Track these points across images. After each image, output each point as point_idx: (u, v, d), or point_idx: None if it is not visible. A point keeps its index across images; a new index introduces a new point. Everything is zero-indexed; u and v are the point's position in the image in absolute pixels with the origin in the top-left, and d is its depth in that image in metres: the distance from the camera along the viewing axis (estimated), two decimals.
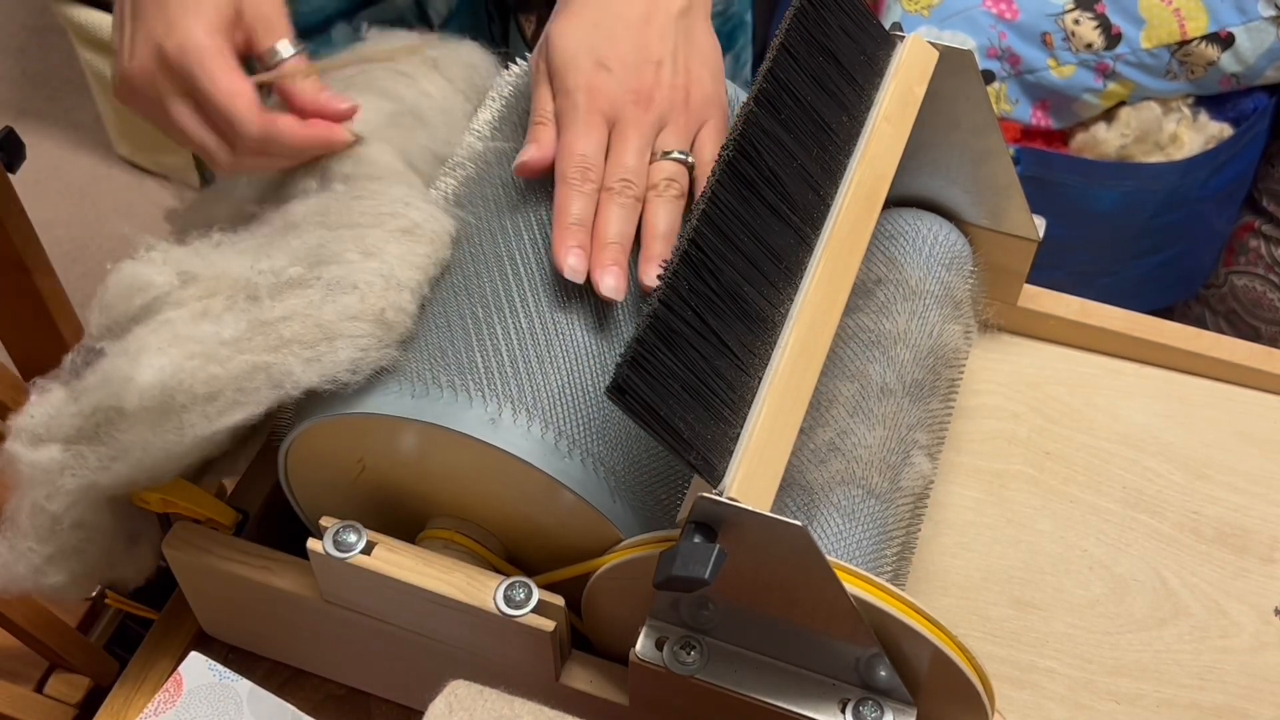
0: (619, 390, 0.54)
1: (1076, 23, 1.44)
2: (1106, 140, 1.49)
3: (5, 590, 0.68)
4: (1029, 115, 1.48)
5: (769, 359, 0.60)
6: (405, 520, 0.70)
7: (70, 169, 2.04)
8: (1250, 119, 1.51)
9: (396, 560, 0.65)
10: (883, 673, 0.60)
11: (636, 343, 0.54)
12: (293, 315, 0.62)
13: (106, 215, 1.98)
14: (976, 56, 0.73)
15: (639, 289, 0.66)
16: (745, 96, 0.64)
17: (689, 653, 0.62)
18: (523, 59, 0.80)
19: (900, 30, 1.01)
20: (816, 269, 0.63)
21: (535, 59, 0.72)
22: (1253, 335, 1.69)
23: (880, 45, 0.72)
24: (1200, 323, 1.73)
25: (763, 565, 0.57)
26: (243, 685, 0.67)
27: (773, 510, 0.56)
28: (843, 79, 0.69)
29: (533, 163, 0.68)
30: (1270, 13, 1.44)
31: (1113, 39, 1.44)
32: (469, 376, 0.63)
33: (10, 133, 0.87)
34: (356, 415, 0.63)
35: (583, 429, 0.63)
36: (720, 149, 0.62)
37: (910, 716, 0.61)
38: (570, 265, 0.64)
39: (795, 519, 0.54)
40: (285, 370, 0.62)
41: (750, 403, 0.59)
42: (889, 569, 0.69)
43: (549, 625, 0.64)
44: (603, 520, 0.63)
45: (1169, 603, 0.78)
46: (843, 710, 0.61)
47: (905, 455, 0.72)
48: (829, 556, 0.56)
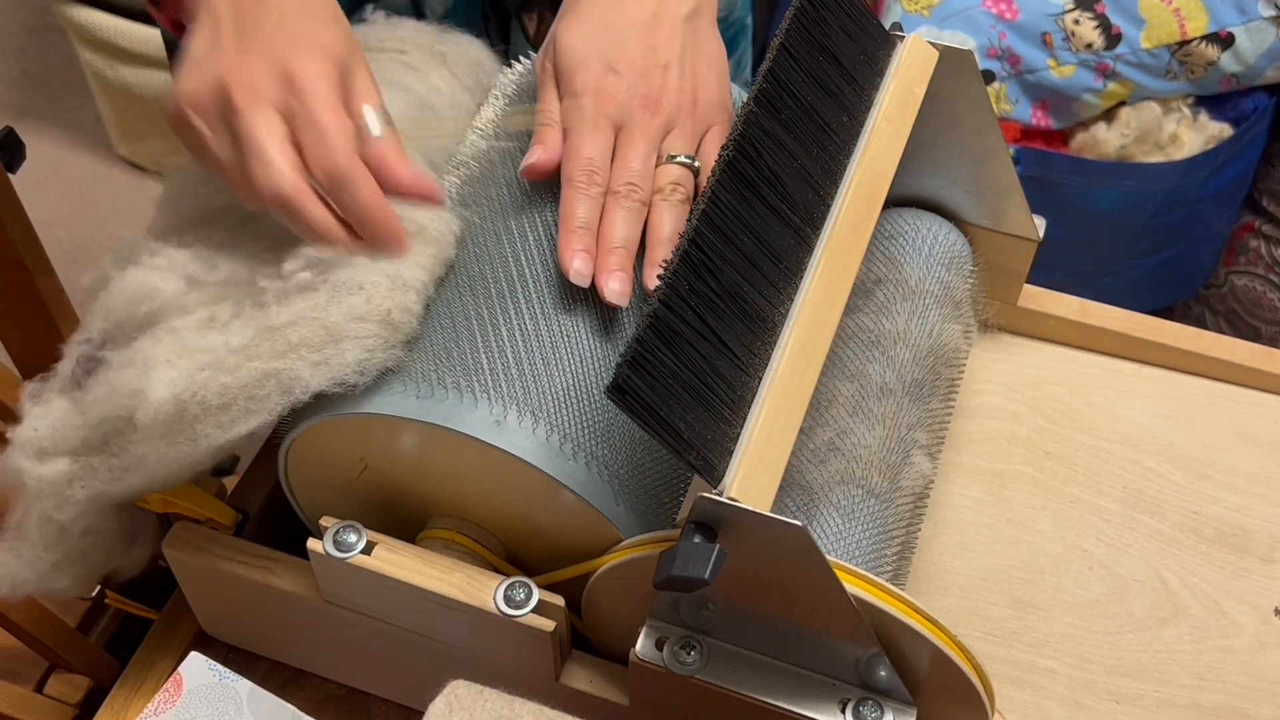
0: (619, 390, 0.54)
1: (1076, 23, 1.44)
2: (1106, 140, 1.49)
3: (11, 595, 0.68)
4: (1029, 115, 1.48)
5: (769, 359, 0.60)
6: (405, 520, 0.70)
7: (70, 169, 2.04)
8: (1250, 119, 1.51)
9: (396, 560, 0.65)
10: (883, 673, 0.60)
11: (636, 343, 0.54)
12: (299, 319, 0.62)
13: (106, 215, 1.98)
14: (976, 56, 0.73)
15: (643, 292, 0.66)
16: (746, 97, 0.64)
17: (689, 653, 0.62)
18: (525, 58, 0.80)
19: (900, 30, 1.01)
20: (816, 269, 0.63)
21: (541, 59, 0.71)
22: (1253, 335, 1.69)
23: (880, 45, 0.72)
24: (1200, 323, 1.73)
25: (763, 565, 0.57)
26: (243, 685, 0.67)
27: (773, 510, 0.56)
28: (843, 79, 0.69)
29: (540, 165, 0.68)
30: (1270, 13, 1.44)
31: (1113, 39, 1.44)
32: (474, 378, 0.63)
33: (10, 133, 0.87)
34: (361, 415, 0.63)
35: (587, 432, 0.63)
36: (720, 149, 0.62)
37: (910, 716, 0.61)
38: (576, 269, 0.64)
39: (795, 519, 0.54)
40: (294, 375, 0.62)
41: (750, 403, 0.59)
42: (889, 569, 0.69)
43: (549, 625, 0.64)
44: (605, 522, 0.63)
45: (1169, 603, 0.78)
46: (843, 710, 0.61)
47: (905, 455, 0.72)
48: (829, 556, 0.56)
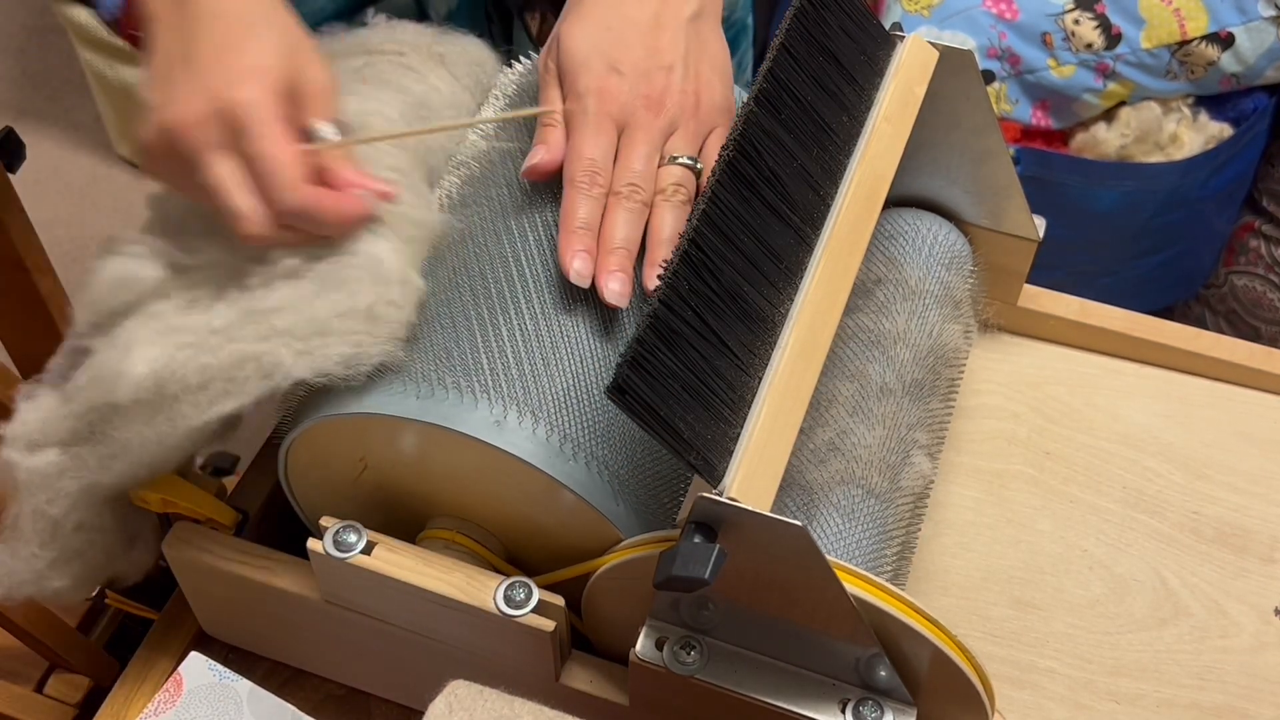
0: (619, 390, 0.54)
1: (1076, 23, 1.44)
2: (1106, 140, 1.49)
3: (9, 596, 0.68)
4: (1029, 115, 1.48)
5: (769, 359, 0.60)
6: (405, 520, 0.70)
7: (70, 169, 2.03)
8: (1250, 119, 1.51)
9: (396, 560, 0.65)
10: (883, 673, 0.60)
11: (636, 343, 0.54)
12: (285, 307, 0.62)
13: (106, 215, 1.98)
14: (976, 56, 0.73)
15: (643, 293, 0.66)
16: (746, 97, 0.64)
17: (689, 653, 0.62)
18: (527, 57, 0.80)
19: (900, 30, 1.01)
20: (816, 269, 0.63)
21: (543, 59, 0.71)
22: (1253, 335, 1.69)
23: (880, 45, 0.72)
24: (1200, 323, 1.73)
25: (763, 565, 0.57)
26: (243, 685, 0.67)
27: (773, 510, 0.56)
28: (843, 79, 0.69)
29: (542, 165, 0.68)
30: (1270, 13, 1.44)
31: (1113, 39, 1.44)
32: (474, 378, 0.63)
33: (10, 133, 0.87)
34: (360, 415, 0.63)
35: (587, 432, 0.63)
36: (720, 149, 0.62)
37: (910, 716, 0.61)
38: (576, 269, 0.64)
39: (795, 519, 0.54)
40: (276, 361, 0.61)
41: (750, 403, 0.59)
42: (889, 569, 0.69)
43: (549, 625, 0.64)
44: (605, 522, 0.63)
45: (1169, 603, 0.78)
46: (843, 710, 0.61)
47: (905, 455, 0.72)
48: (829, 556, 0.56)
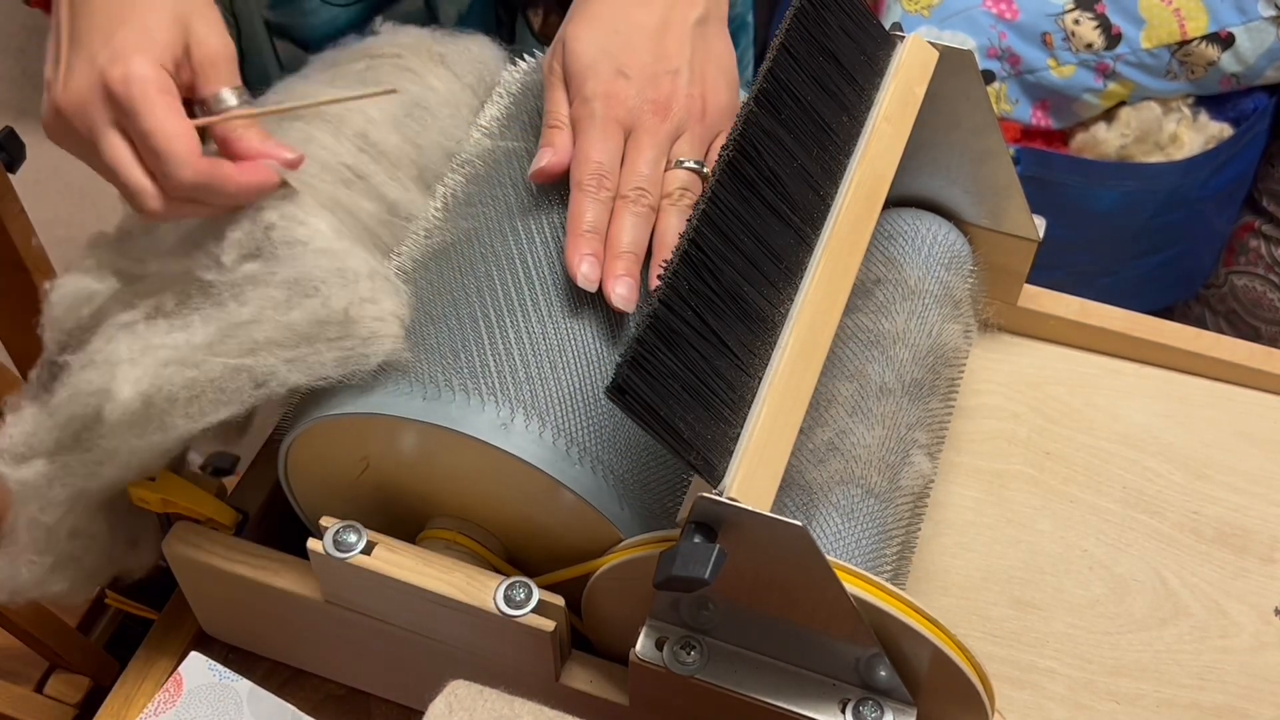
0: (619, 390, 0.54)
1: (1076, 23, 1.44)
2: (1106, 140, 1.49)
3: (11, 601, 0.69)
4: (1029, 115, 1.48)
5: (769, 359, 0.60)
6: (405, 520, 0.70)
7: (70, 169, 2.03)
8: (1250, 119, 1.51)
9: (396, 560, 0.65)
10: (883, 673, 0.60)
11: (636, 343, 0.54)
12: (261, 319, 0.61)
13: (106, 215, 1.97)
14: (976, 56, 0.73)
15: (648, 296, 0.66)
16: (746, 96, 0.64)
17: (689, 653, 0.62)
18: (530, 55, 0.80)
19: (900, 30, 1.01)
20: (816, 269, 0.63)
21: (549, 60, 0.71)
22: (1253, 335, 1.69)
23: (880, 45, 0.72)
24: (1200, 323, 1.73)
25: (763, 565, 0.57)
26: (243, 685, 0.67)
27: (772, 510, 0.56)
28: (843, 79, 0.69)
29: (549, 168, 0.68)
30: (1270, 13, 1.44)
31: (1113, 39, 1.44)
32: (481, 380, 0.63)
33: (10, 133, 0.87)
34: (366, 415, 0.63)
35: (592, 436, 0.63)
36: (720, 149, 0.62)
37: (910, 716, 0.61)
38: (583, 273, 0.64)
39: (795, 519, 0.54)
40: (269, 370, 0.62)
41: (750, 403, 0.59)
42: (888, 568, 0.69)
43: (549, 625, 0.64)
44: (608, 525, 0.63)
45: (1169, 603, 0.78)
46: (843, 710, 0.61)
47: (904, 454, 0.72)
48: (829, 556, 0.56)
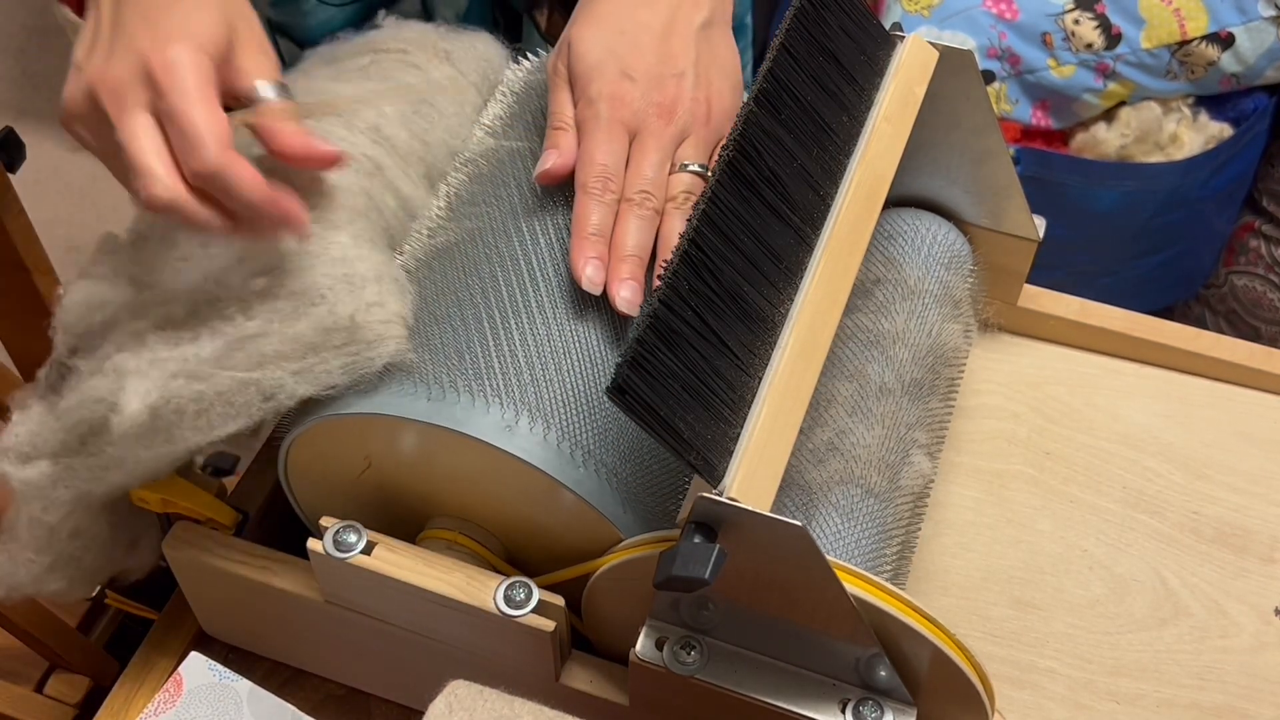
0: (619, 390, 0.54)
1: (1076, 23, 1.44)
2: (1106, 140, 1.49)
3: (7, 597, 0.69)
4: (1029, 115, 1.48)
5: (769, 359, 0.60)
6: (405, 520, 0.70)
7: (70, 169, 2.03)
8: (1250, 119, 1.51)
9: (396, 560, 0.65)
10: (883, 673, 0.60)
11: (636, 343, 0.54)
12: (268, 332, 0.61)
13: (106, 215, 1.98)
14: (976, 56, 0.73)
15: (649, 295, 0.66)
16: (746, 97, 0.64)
17: (689, 653, 0.62)
18: (534, 54, 0.80)
19: (900, 30, 1.01)
20: (816, 269, 0.63)
21: (554, 61, 0.71)
22: (1253, 335, 1.69)
23: (880, 45, 0.72)
24: (1200, 323, 1.73)
25: (763, 565, 0.57)
26: (243, 685, 0.67)
27: (772, 510, 0.56)
28: (843, 79, 0.69)
29: (555, 169, 0.68)
30: (1270, 13, 1.44)
31: (1113, 39, 1.44)
32: (486, 381, 0.63)
33: (10, 133, 0.87)
34: (370, 415, 0.63)
35: (595, 438, 0.63)
36: (720, 149, 0.62)
37: (910, 716, 0.61)
38: (588, 276, 0.64)
39: (794, 519, 0.54)
40: (277, 383, 0.62)
41: (750, 403, 0.59)
42: (888, 568, 0.69)
43: (549, 625, 0.64)
44: (610, 527, 0.63)
45: (1169, 603, 0.78)
46: (843, 710, 0.61)
47: (904, 454, 0.72)
48: (828, 556, 0.56)
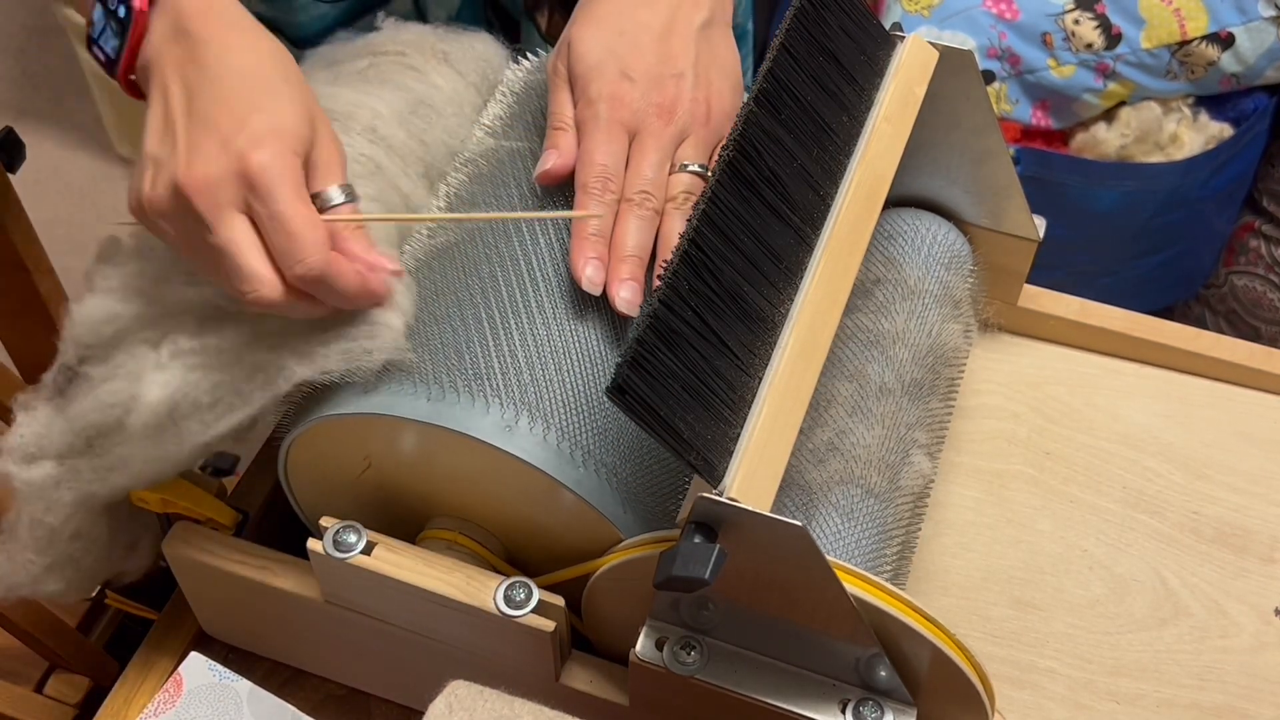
0: (619, 390, 0.54)
1: (1076, 23, 1.44)
2: (1106, 140, 1.49)
3: (4, 599, 0.69)
4: (1029, 115, 1.48)
5: (769, 359, 0.60)
6: (405, 520, 0.70)
7: (70, 169, 2.03)
8: (1250, 119, 1.51)
9: (396, 560, 0.65)
10: (883, 673, 0.60)
11: (636, 343, 0.54)
12: (288, 329, 0.63)
13: (106, 215, 1.98)
14: (976, 56, 0.73)
15: (649, 295, 0.66)
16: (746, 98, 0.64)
17: (689, 653, 0.62)
18: (534, 54, 0.80)
19: (900, 30, 1.01)
20: (816, 269, 0.63)
21: (554, 61, 0.71)
22: (1253, 335, 1.69)
23: (880, 45, 0.72)
24: (1200, 323, 1.73)
25: (763, 565, 0.57)
26: (243, 685, 0.67)
27: (772, 510, 0.56)
28: (843, 79, 0.69)
29: (554, 170, 0.68)
30: (1270, 13, 1.44)
31: (1113, 39, 1.44)
32: (485, 382, 0.63)
33: (10, 133, 0.87)
34: (370, 415, 0.63)
35: (595, 438, 0.63)
36: (720, 149, 0.62)
37: (910, 716, 0.61)
38: (588, 276, 0.64)
39: (794, 519, 0.54)
40: (280, 367, 0.62)
41: (750, 403, 0.59)
42: (888, 569, 0.69)
43: (549, 625, 0.64)
44: (610, 527, 0.63)
45: (1169, 603, 0.78)
46: (843, 710, 0.61)
47: (904, 454, 0.72)
48: (829, 556, 0.56)
